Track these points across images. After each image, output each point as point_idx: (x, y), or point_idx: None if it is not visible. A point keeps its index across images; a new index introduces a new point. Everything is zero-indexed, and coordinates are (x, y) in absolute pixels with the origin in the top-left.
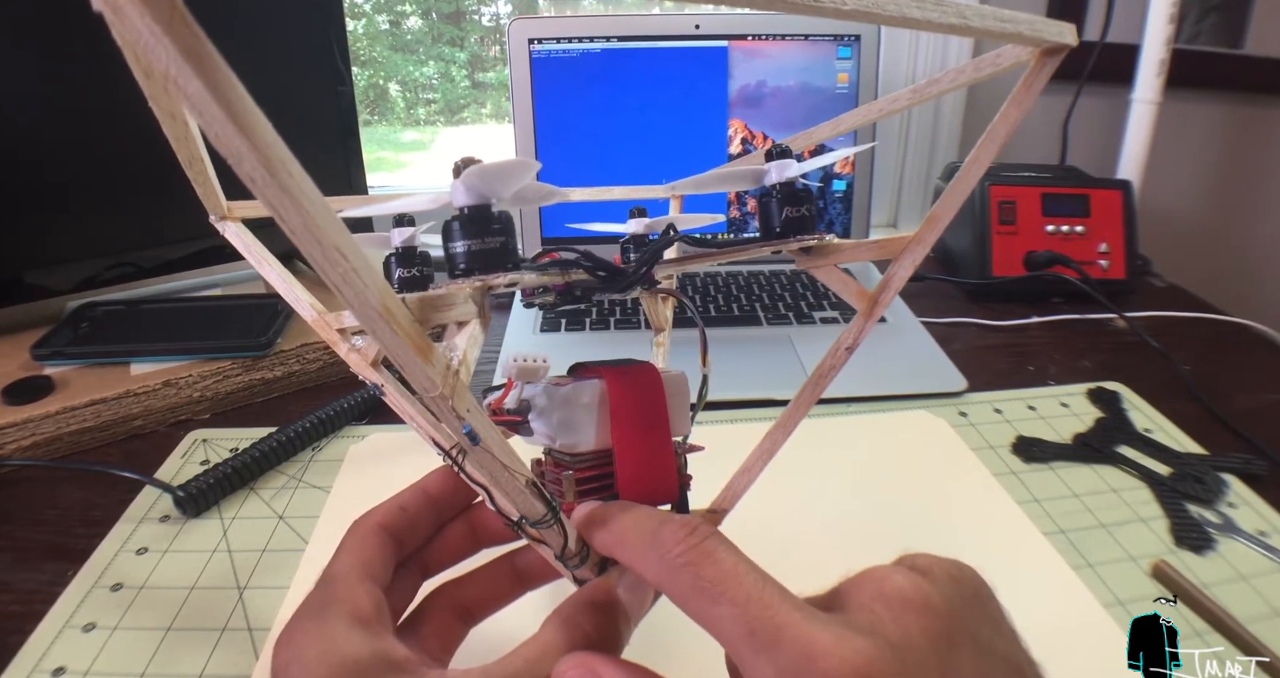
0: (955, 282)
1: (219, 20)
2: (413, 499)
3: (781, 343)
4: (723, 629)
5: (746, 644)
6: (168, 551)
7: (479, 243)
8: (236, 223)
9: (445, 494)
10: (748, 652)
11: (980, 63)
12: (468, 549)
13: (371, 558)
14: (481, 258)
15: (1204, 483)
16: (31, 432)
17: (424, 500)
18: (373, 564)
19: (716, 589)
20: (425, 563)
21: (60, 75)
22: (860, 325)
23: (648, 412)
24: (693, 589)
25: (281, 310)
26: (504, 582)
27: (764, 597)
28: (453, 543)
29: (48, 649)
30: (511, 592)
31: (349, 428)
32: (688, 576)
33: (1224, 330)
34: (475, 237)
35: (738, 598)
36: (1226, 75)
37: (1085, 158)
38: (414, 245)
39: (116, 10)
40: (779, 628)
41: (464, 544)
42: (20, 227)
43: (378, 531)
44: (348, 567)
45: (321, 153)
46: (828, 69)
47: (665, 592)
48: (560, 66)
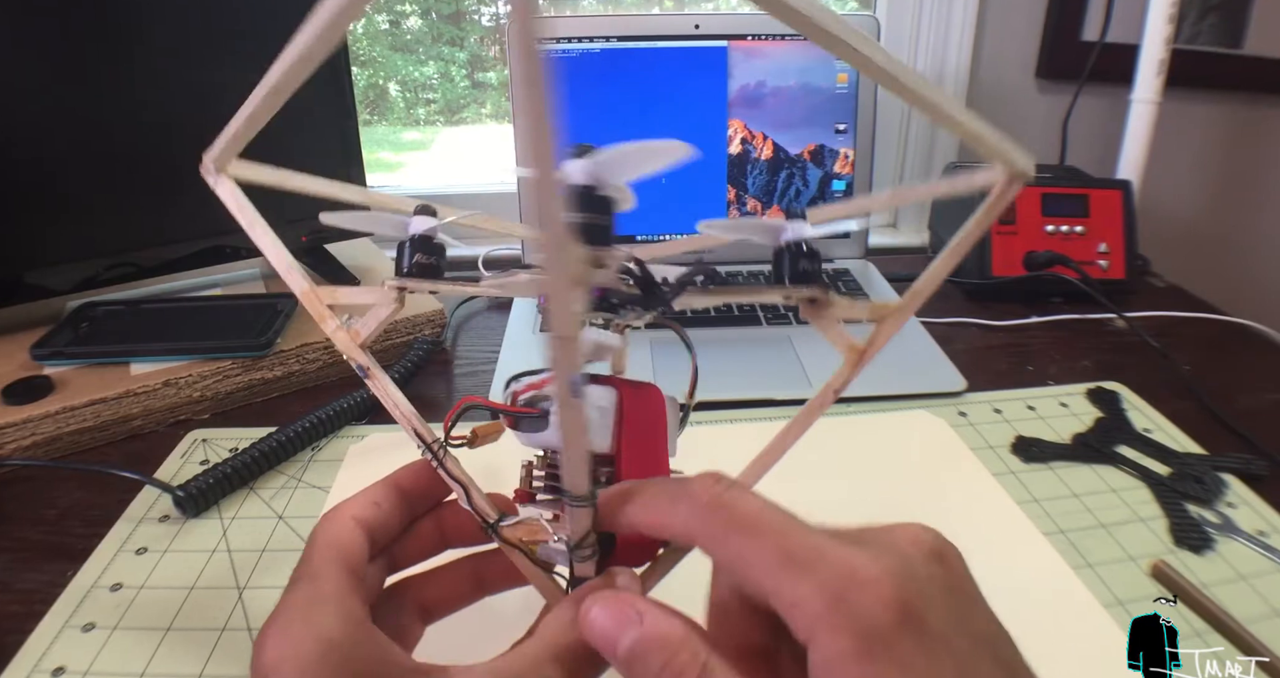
0: (955, 282)
1: (224, 21)
2: (385, 495)
3: (781, 343)
4: (761, 558)
5: (785, 568)
6: (167, 551)
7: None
8: (230, 181)
9: (418, 490)
10: (786, 575)
11: (956, 183)
12: (435, 548)
13: (351, 553)
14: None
15: (1203, 483)
16: (31, 432)
17: (396, 496)
18: (352, 559)
19: (751, 523)
20: (393, 559)
21: (61, 75)
22: (848, 375)
23: (652, 425)
24: (728, 527)
25: (281, 310)
26: (465, 584)
27: (797, 526)
28: (421, 541)
29: (47, 649)
30: (471, 595)
31: (349, 428)
32: (721, 516)
33: (1224, 330)
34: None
35: (773, 528)
36: (1226, 75)
37: (1085, 158)
38: (431, 236)
39: None
40: (817, 549)
41: (432, 543)
42: (20, 227)
43: (353, 525)
44: (328, 561)
45: (322, 153)
46: (828, 69)
47: (698, 539)
48: (560, 66)
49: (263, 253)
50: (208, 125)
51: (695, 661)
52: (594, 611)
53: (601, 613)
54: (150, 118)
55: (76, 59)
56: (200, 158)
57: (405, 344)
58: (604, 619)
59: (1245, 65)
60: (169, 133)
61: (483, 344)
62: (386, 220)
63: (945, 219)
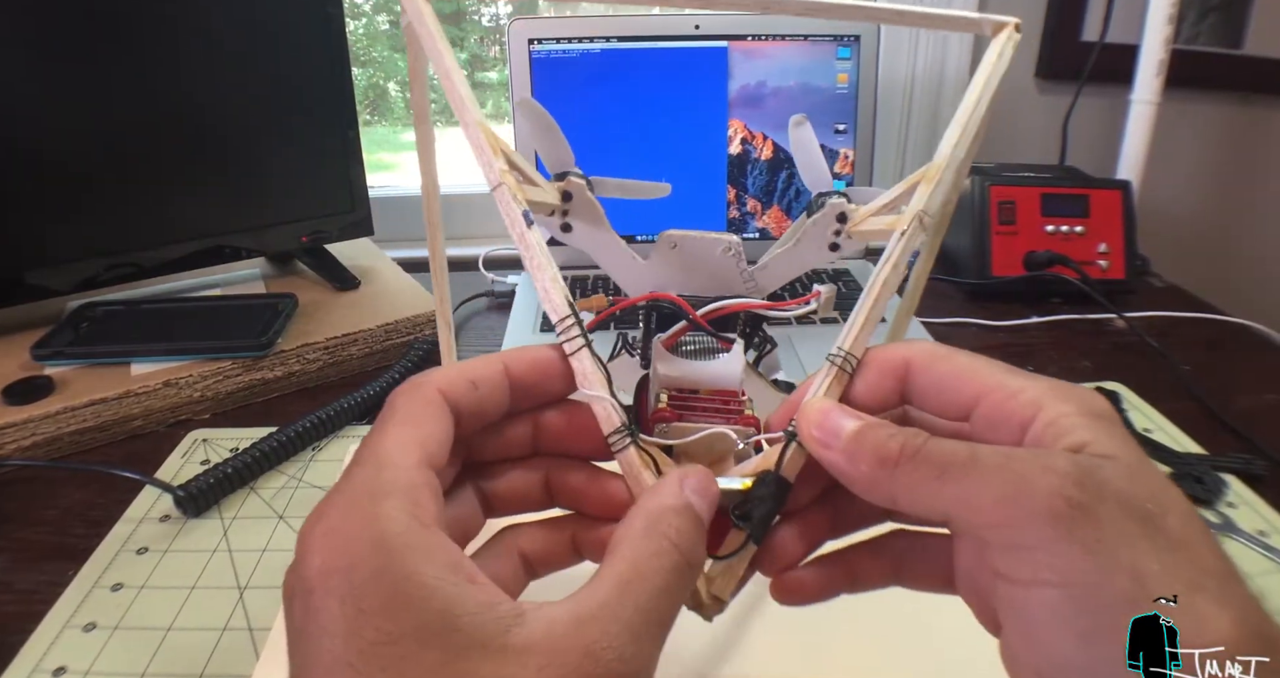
0: (955, 282)
1: (224, 23)
2: (488, 375)
3: (781, 343)
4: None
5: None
6: (168, 550)
7: None
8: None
9: (530, 381)
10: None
11: (953, 22)
12: (521, 450)
13: (430, 437)
14: None
15: (1204, 483)
16: (32, 432)
17: (501, 381)
18: (430, 444)
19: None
20: (469, 452)
21: (61, 75)
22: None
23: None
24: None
25: (282, 310)
26: (564, 547)
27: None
28: (510, 442)
29: (48, 649)
30: (569, 559)
31: (349, 428)
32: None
33: (1224, 330)
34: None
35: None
36: (1226, 75)
37: (1085, 158)
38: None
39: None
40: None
41: (519, 445)
42: (20, 226)
43: (441, 404)
44: (402, 446)
45: (322, 153)
46: (828, 69)
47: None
48: (560, 67)
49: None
50: (207, 126)
51: (920, 433)
52: (809, 424)
53: (818, 417)
54: (151, 118)
55: (78, 59)
56: (199, 158)
57: (405, 344)
58: (820, 420)
59: (1245, 65)
60: (170, 133)
61: (483, 344)
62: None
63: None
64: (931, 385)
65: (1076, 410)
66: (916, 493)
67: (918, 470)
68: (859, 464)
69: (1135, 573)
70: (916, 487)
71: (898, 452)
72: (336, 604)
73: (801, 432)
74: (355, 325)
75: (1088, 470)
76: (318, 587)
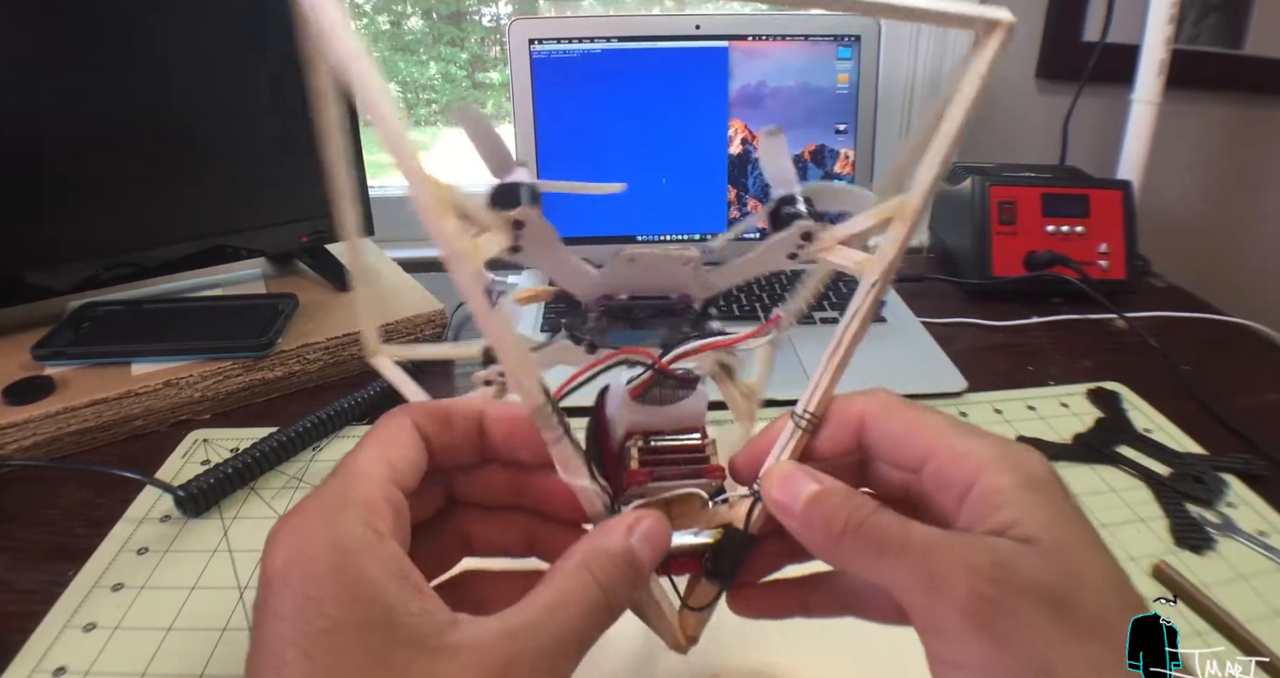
0: (955, 282)
1: (225, 23)
2: (461, 419)
3: (781, 343)
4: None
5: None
6: (168, 551)
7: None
8: (385, 359)
9: (504, 438)
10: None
11: (948, 17)
12: (504, 496)
13: (399, 458)
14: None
15: (1204, 483)
16: (32, 432)
17: (473, 428)
18: (399, 464)
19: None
20: (453, 490)
21: (62, 75)
22: (881, 286)
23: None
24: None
25: (282, 310)
26: (516, 534)
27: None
28: (491, 489)
29: (48, 649)
30: (519, 547)
31: (349, 428)
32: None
33: (1224, 330)
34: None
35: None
36: (1226, 75)
37: (1085, 158)
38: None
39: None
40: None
41: (502, 489)
42: (20, 226)
43: (413, 433)
44: (372, 463)
45: None
46: (828, 69)
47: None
48: (561, 67)
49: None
50: (208, 126)
51: (868, 504)
52: (772, 487)
53: (780, 481)
54: (151, 118)
55: (78, 59)
56: (200, 158)
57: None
58: (782, 485)
59: (1245, 65)
60: (170, 133)
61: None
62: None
63: (945, 219)
64: (884, 439)
65: (1013, 483)
66: (859, 565)
67: (859, 545)
68: (814, 532)
69: (1042, 665)
70: (857, 560)
71: (842, 525)
72: (291, 593)
73: (765, 495)
74: (356, 325)
75: (1003, 564)
76: (276, 578)
